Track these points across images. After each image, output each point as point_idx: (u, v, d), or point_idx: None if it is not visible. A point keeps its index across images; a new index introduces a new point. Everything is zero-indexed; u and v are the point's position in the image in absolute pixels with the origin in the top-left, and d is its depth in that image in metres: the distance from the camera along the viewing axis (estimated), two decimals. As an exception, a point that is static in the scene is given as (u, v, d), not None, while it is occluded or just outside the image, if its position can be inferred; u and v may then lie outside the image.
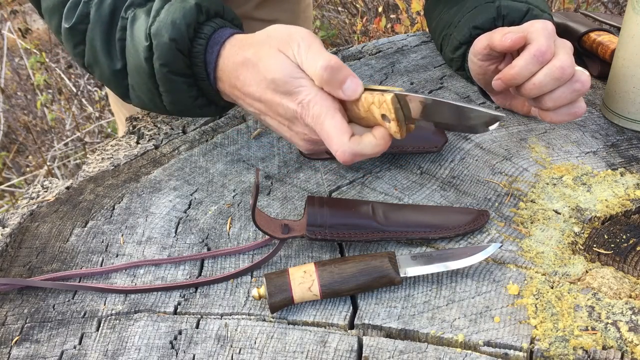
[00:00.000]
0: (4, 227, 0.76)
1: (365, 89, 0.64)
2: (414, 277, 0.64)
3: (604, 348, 0.56)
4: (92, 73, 0.82)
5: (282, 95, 0.65)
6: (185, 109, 0.78)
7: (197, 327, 0.61)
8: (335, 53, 1.12)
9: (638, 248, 0.67)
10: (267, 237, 0.68)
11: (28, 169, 2.74)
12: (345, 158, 0.63)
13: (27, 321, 0.63)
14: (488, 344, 0.57)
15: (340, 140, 0.62)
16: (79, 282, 0.67)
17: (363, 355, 0.57)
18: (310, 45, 0.63)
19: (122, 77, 0.77)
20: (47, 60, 2.95)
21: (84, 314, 0.64)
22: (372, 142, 0.63)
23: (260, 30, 0.69)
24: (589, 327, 0.58)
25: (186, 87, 0.74)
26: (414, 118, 0.63)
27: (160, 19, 0.71)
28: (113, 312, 0.64)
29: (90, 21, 0.76)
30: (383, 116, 0.62)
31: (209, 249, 0.70)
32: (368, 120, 0.64)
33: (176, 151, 0.87)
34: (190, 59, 0.72)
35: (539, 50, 0.71)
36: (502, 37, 0.75)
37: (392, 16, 2.65)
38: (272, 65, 0.65)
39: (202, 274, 0.68)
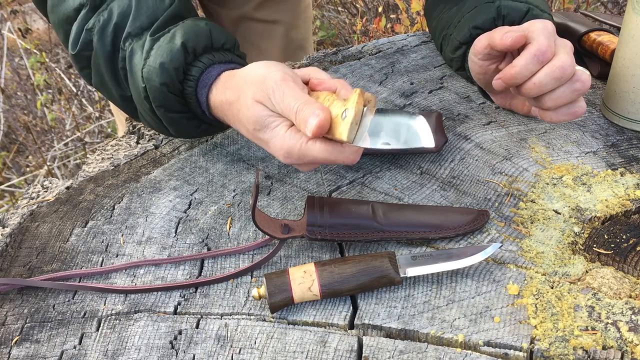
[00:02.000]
0: (4, 227, 0.76)
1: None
2: (414, 277, 0.64)
3: (604, 348, 0.56)
4: (102, 93, 0.83)
5: (266, 144, 0.68)
6: (192, 135, 0.82)
7: (197, 327, 0.61)
8: (335, 53, 1.12)
9: (638, 248, 0.67)
10: (267, 237, 0.68)
11: (28, 169, 2.74)
12: (354, 161, 0.65)
13: (27, 321, 0.63)
14: (488, 344, 0.57)
15: (338, 153, 0.63)
16: (79, 282, 0.67)
17: (363, 355, 0.57)
18: (284, 93, 0.64)
19: (131, 101, 0.79)
20: (47, 60, 2.95)
21: (84, 314, 0.64)
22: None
23: (242, 70, 0.70)
24: (589, 327, 0.58)
25: (185, 121, 0.77)
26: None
27: (150, 63, 0.73)
28: (113, 312, 0.64)
29: (94, 49, 0.77)
30: (344, 111, 0.61)
31: (209, 249, 0.70)
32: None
33: (176, 151, 0.87)
34: (184, 98, 0.75)
35: (539, 50, 0.71)
36: (502, 36, 0.75)
37: (392, 16, 2.65)
38: (249, 117, 0.67)
39: (202, 274, 0.68)
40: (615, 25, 1.07)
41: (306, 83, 0.69)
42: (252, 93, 0.66)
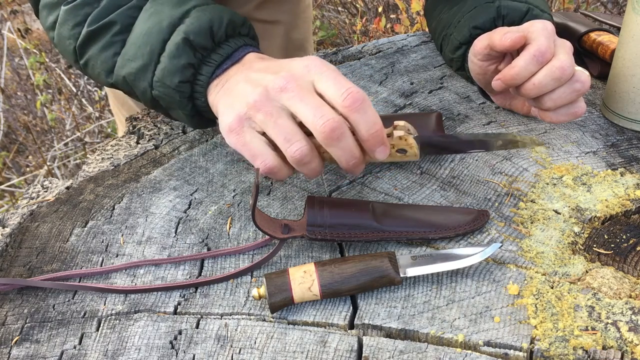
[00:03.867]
0: (4, 227, 0.76)
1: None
2: (414, 277, 0.64)
3: (604, 348, 0.56)
4: (87, 63, 0.79)
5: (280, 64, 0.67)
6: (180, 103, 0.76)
7: (197, 327, 0.61)
8: (335, 53, 1.12)
9: (638, 248, 0.67)
10: (267, 237, 0.68)
11: (28, 169, 2.74)
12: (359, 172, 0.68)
13: (27, 321, 0.63)
14: (488, 344, 0.57)
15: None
16: (79, 282, 0.67)
17: (363, 355, 0.57)
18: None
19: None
20: (47, 60, 2.95)
21: (84, 314, 0.64)
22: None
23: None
24: (589, 327, 0.58)
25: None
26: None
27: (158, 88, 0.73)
28: (113, 312, 0.64)
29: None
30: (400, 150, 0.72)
31: (209, 249, 0.70)
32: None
33: (176, 151, 0.87)
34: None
35: (539, 50, 0.71)
36: (501, 36, 0.75)
37: (392, 16, 2.65)
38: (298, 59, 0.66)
39: (202, 274, 0.68)
40: (615, 25, 1.07)
41: None
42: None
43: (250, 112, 0.63)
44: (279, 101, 0.63)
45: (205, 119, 0.76)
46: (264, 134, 0.65)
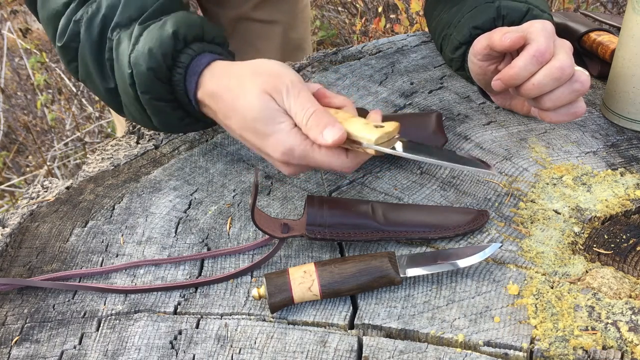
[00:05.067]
0: (4, 227, 0.76)
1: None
2: (414, 277, 0.64)
3: (604, 348, 0.56)
4: (87, 87, 0.82)
5: (262, 139, 0.66)
6: (174, 128, 0.80)
7: (197, 327, 0.61)
8: (335, 53, 1.12)
9: (638, 248, 0.67)
10: (266, 236, 0.68)
11: (28, 169, 2.74)
12: (351, 171, 0.68)
13: (27, 321, 0.63)
14: (488, 344, 0.57)
15: (341, 162, 0.65)
16: (79, 282, 0.67)
17: (363, 355, 0.57)
18: (300, 93, 0.65)
19: (116, 94, 0.78)
20: (47, 60, 2.95)
21: (84, 314, 0.64)
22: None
23: (247, 62, 0.69)
24: (589, 327, 0.58)
25: (170, 110, 0.75)
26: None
27: (138, 48, 0.72)
28: (113, 312, 0.64)
29: (81, 41, 0.76)
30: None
31: (209, 249, 0.70)
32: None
33: (176, 151, 0.87)
34: (171, 86, 0.73)
35: (538, 51, 0.71)
36: (501, 37, 0.75)
37: (391, 16, 2.65)
38: (254, 105, 0.65)
39: (202, 274, 0.68)
40: (615, 25, 1.07)
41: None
42: (261, 83, 0.65)
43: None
44: (292, 162, 0.67)
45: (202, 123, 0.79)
46: None
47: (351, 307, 0.62)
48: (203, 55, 0.73)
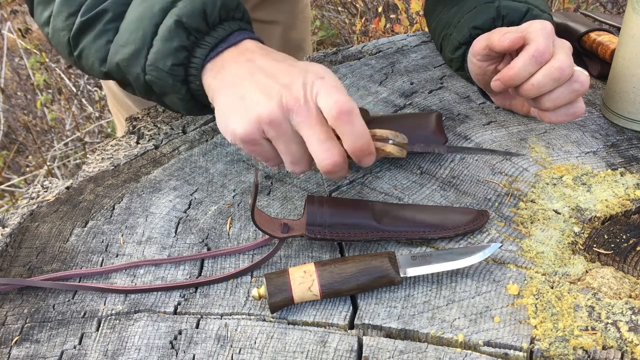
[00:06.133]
0: (4, 227, 0.76)
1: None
2: (414, 277, 0.64)
3: (604, 348, 0.56)
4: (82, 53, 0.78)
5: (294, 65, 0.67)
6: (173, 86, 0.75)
7: (197, 327, 0.61)
8: (335, 53, 1.12)
9: (638, 248, 0.67)
10: (266, 236, 0.68)
11: (28, 169, 2.74)
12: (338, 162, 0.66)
13: (27, 321, 0.63)
14: (488, 344, 0.57)
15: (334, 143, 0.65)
16: (79, 282, 0.67)
17: (363, 355, 0.57)
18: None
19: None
20: (47, 60, 2.95)
21: (84, 314, 0.64)
22: None
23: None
24: (589, 327, 0.58)
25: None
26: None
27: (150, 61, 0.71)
28: (113, 312, 0.64)
29: None
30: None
31: (209, 249, 0.70)
32: None
33: (176, 151, 0.87)
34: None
35: (538, 51, 0.71)
36: (500, 37, 0.75)
37: (391, 16, 2.65)
38: (308, 64, 0.67)
39: (202, 274, 0.68)
40: (615, 25, 1.07)
41: None
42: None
43: (264, 126, 0.64)
44: (290, 121, 0.64)
45: (200, 105, 0.76)
46: None
47: (351, 307, 0.62)
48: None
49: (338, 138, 0.64)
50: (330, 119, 0.63)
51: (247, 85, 0.66)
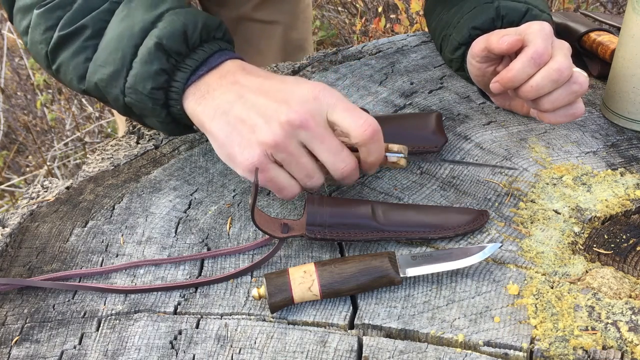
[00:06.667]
0: (4, 227, 0.76)
1: None
2: (414, 277, 0.64)
3: (604, 348, 0.56)
4: (59, 68, 0.76)
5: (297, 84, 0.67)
6: (154, 112, 0.73)
7: (197, 327, 0.61)
8: (335, 53, 1.12)
9: (638, 248, 0.67)
10: (266, 236, 0.68)
11: (28, 169, 2.74)
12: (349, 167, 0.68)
13: (27, 321, 0.63)
14: (488, 344, 0.57)
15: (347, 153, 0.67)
16: (79, 282, 0.67)
17: (363, 355, 0.57)
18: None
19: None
20: (47, 60, 2.94)
21: (84, 314, 0.64)
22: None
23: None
24: (589, 327, 0.58)
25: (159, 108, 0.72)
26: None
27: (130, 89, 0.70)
28: (113, 312, 0.64)
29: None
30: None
31: (209, 249, 0.70)
32: None
33: (176, 151, 0.87)
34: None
35: (536, 53, 0.71)
36: (498, 40, 0.74)
37: (391, 16, 2.65)
38: (302, 86, 0.66)
39: (202, 274, 0.68)
40: (615, 25, 1.07)
41: None
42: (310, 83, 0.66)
43: (271, 150, 0.64)
44: (297, 137, 0.64)
45: (182, 126, 0.75)
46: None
47: (351, 307, 0.62)
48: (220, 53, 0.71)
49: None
50: (359, 138, 0.64)
51: (240, 109, 0.65)
